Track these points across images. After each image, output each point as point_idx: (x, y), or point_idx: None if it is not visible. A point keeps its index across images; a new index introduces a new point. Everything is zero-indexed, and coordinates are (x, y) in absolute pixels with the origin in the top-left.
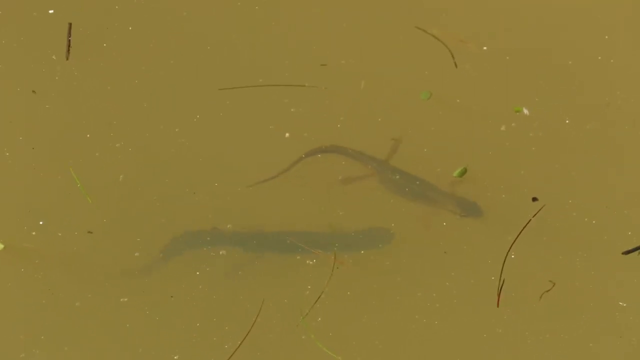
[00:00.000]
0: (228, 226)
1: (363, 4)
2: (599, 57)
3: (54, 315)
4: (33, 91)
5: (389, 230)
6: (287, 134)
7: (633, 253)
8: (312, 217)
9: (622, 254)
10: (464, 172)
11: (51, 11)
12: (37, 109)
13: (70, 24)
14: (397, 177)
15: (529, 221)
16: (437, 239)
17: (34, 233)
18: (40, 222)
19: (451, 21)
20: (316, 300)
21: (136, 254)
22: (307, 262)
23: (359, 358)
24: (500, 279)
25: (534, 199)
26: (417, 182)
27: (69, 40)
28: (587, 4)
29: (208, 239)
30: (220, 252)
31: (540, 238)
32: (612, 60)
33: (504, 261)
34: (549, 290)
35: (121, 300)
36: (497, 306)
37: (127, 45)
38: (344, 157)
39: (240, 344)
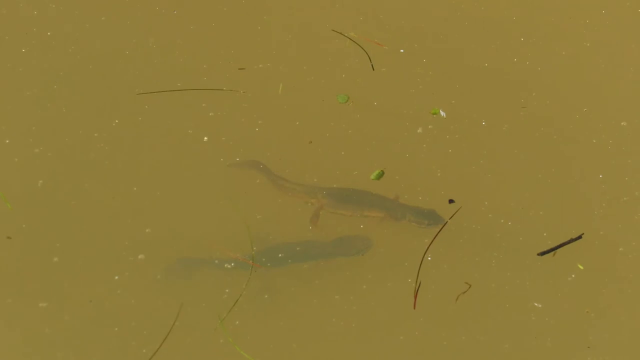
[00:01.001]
0: (147, 230)
1: (279, 7)
2: (515, 59)
3: None
4: None
5: (367, 238)
6: (205, 138)
7: (548, 254)
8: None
9: (538, 255)
10: (381, 175)
11: None
12: None
13: None
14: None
15: (445, 223)
16: None
17: None
18: None
19: (368, 24)
20: (234, 304)
21: (55, 259)
22: (225, 265)
23: None
24: (417, 281)
25: (451, 201)
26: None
27: None
28: (503, 6)
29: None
30: (139, 257)
31: (456, 240)
32: (527, 62)
33: (421, 263)
34: (465, 292)
35: (40, 305)
36: (414, 308)
37: (45, 50)
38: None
39: (158, 348)
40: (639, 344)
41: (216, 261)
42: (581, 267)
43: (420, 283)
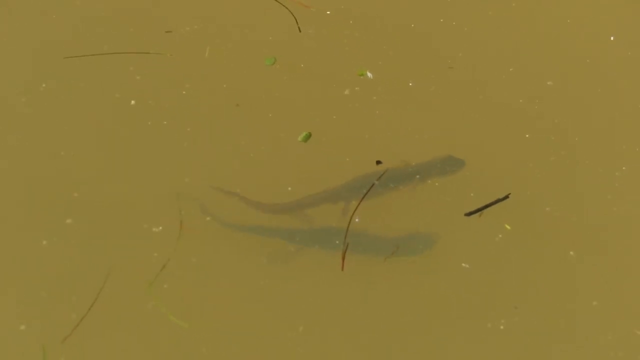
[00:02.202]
0: (74, 194)
1: None
2: (441, 20)
3: None
4: None
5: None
6: (132, 102)
7: (475, 215)
8: None
9: (465, 215)
10: (308, 137)
11: None
12: None
13: None
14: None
15: (373, 185)
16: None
17: None
18: None
19: None
20: (162, 268)
21: None
22: (153, 229)
23: (205, 325)
24: (344, 243)
25: (378, 162)
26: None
27: None
28: None
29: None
30: (67, 221)
31: (384, 201)
32: (454, 23)
33: (348, 225)
34: (393, 253)
35: None
36: (342, 270)
37: None
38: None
39: (87, 313)
40: (564, 303)
41: (144, 225)
42: (508, 227)
43: (348, 245)
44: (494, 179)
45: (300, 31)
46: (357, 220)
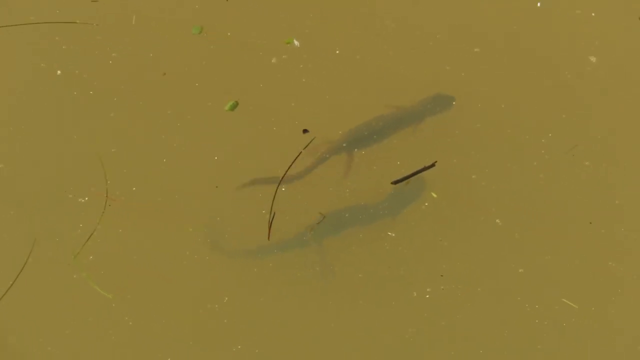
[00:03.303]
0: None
1: None
2: None
3: None
4: None
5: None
6: (59, 72)
7: (401, 183)
8: None
9: (392, 183)
10: (235, 106)
11: None
12: None
13: None
14: (365, 133)
15: (300, 153)
16: (209, 174)
17: None
18: None
19: None
20: (87, 239)
21: None
22: (79, 200)
23: (129, 296)
24: (270, 212)
25: (305, 131)
26: (383, 119)
27: None
28: None
29: None
30: None
31: (311, 171)
32: None
33: (275, 195)
34: (319, 223)
35: None
36: (268, 239)
37: None
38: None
39: (12, 284)
40: (491, 270)
41: (70, 195)
42: (435, 195)
43: (274, 214)
44: (420, 147)
45: (227, 0)
46: (283, 189)
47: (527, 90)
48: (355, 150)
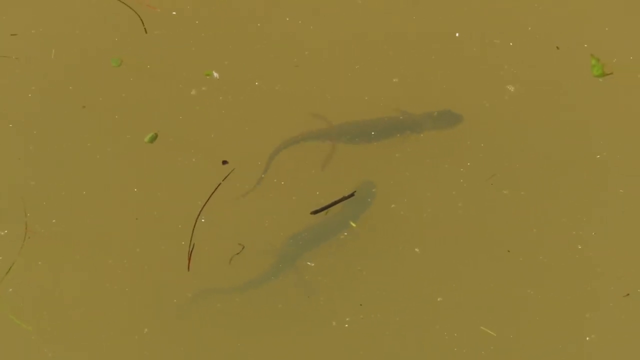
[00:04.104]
0: None
1: None
2: (287, 19)
3: None
4: None
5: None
6: None
7: (321, 212)
8: None
9: (311, 213)
10: (154, 138)
11: None
12: None
13: None
14: (355, 128)
15: (219, 185)
16: (129, 206)
17: None
18: None
19: None
20: (7, 272)
21: None
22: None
23: (49, 327)
24: (190, 244)
25: (224, 162)
26: (379, 123)
27: None
28: None
29: None
30: None
31: (229, 202)
32: (300, 22)
33: (194, 225)
34: (238, 253)
35: None
36: (188, 270)
37: None
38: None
39: None
40: (410, 299)
41: None
42: (354, 225)
43: (194, 245)
44: (340, 177)
45: (146, 32)
46: (202, 220)
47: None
48: (341, 144)
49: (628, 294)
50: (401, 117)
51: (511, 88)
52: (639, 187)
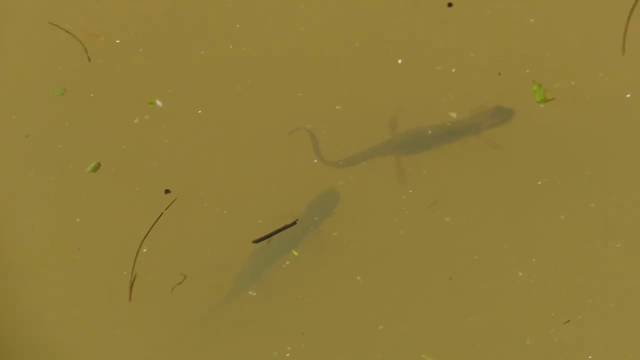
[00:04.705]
0: None
1: None
2: (231, 46)
3: None
4: None
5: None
6: None
7: (263, 241)
8: None
9: (253, 242)
10: (97, 167)
11: None
12: None
13: None
14: (427, 132)
15: (162, 214)
16: (71, 236)
17: None
18: None
19: (84, 16)
20: None
21: None
22: None
23: None
24: (132, 273)
25: (167, 191)
26: (439, 128)
27: None
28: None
29: None
30: None
31: (172, 231)
32: (243, 49)
33: (136, 255)
34: (180, 283)
35: None
36: (130, 300)
37: None
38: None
39: None
40: (352, 328)
41: None
42: (296, 254)
43: (135, 275)
44: (282, 206)
45: (89, 60)
46: (144, 250)
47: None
48: (404, 156)
49: (569, 321)
50: (459, 120)
51: (453, 115)
52: (580, 213)
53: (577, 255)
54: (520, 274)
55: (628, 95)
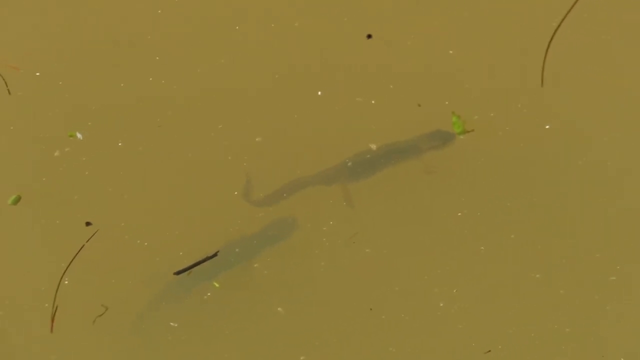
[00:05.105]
0: None
1: None
2: (151, 79)
3: None
4: None
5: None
6: None
7: (184, 273)
8: None
9: (174, 274)
10: (17, 200)
11: None
12: None
13: None
14: (367, 156)
15: (83, 246)
16: None
17: None
18: None
19: (2, 48)
20: None
21: None
22: None
23: None
24: (53, 305)
25: (88, 224)
26: (383, 152)
27: None
28: (138, 26)
29: None
30: None
31: (93, 262)
32: (163, 81)
33: (58, 287)
34: (101, 315)
35: None
36: (51, 332)
37: None
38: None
39: None
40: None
41: None
42: (217, 285)
43: (57, 307)
44: (202, 237)
45: (9, 93)
46: (66, 282)
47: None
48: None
49: (489, 351)
50: (398, 142)
51: (373, 146)
52: (500, 245)
53: (497, 285)
54: (441, 304)
55: (547, 127)
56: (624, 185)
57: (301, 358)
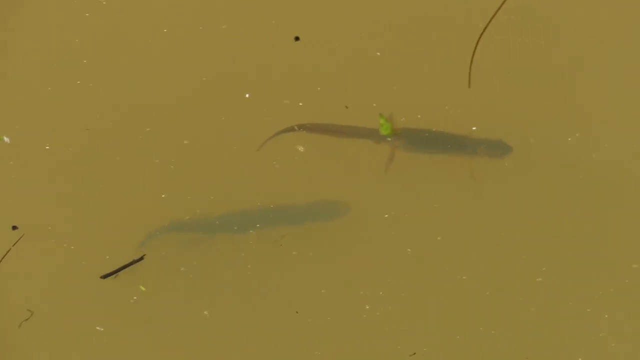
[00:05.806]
0: None
1: None
2: (78, 82)
3: None
4: None
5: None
6: None
7: (111, 276)
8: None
9: (101, 277)
10: None
11: None
12: None
13: None
14: (426, 135)
15: (9, 250)
16: None
17: None
18: None
19: None
20: None
21: None
22: None
23: None
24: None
25: (14, 228)
26: (442, 137)
27: None
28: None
29: None
30: None
31: (19, 266)
32: (90, 84)
33: None
34: (27, 319)
35: None
36: None
37: None
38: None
39: None
40: None
41: None
42: (143, 289)
43: None
44: (127, 240)
45: None
46: None
47: (234, 183)
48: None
49: (414, 353)
50: (463, 136)
51: (301, 149)
52: (426, 246)
53: (423, 288)
54: (367, 307)
55: (474, 128)
56: (556, 188)
57: None
